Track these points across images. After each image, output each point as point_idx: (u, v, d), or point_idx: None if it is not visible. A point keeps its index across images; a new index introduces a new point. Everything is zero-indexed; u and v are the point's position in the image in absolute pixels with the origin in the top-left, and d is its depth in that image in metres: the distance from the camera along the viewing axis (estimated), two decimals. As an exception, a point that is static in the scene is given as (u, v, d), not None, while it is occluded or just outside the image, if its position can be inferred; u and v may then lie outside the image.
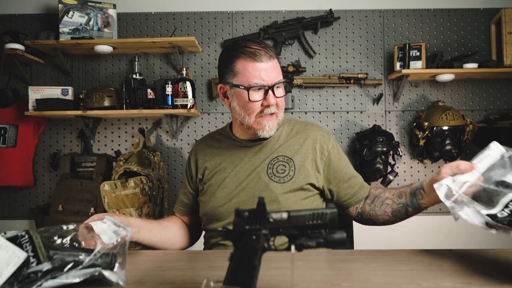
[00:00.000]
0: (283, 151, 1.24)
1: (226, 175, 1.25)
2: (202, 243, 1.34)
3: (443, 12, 2.49)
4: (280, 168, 1.20)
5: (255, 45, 1.16)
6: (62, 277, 0.70)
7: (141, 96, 2.29)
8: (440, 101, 2.38)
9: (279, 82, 1.17)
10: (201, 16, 2.50)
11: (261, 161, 1.23)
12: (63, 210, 2.26)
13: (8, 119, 2.39)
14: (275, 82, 1.16)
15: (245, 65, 1.15)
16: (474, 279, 0.78)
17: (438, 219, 2.47)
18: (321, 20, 2.42)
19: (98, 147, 2.49)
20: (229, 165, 1.26)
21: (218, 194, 1.23)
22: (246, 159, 1.25)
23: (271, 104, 1.16)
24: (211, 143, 1.34)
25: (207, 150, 1.32)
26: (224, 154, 1.28)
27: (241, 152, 1.26)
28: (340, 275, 0.84)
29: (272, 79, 1.16)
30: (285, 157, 1.22)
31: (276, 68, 1.18)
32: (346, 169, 1.27)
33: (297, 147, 1.24)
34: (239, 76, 1.16)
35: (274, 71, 1.17)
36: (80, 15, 2.33)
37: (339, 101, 2.48)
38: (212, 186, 1.26)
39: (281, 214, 0.67)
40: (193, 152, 1.36)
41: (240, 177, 1.23)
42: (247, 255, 0.63)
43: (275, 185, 1.19)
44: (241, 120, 1.20)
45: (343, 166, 1.27)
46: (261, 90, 1.16)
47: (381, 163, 2.28)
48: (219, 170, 1.26)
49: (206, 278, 0.70)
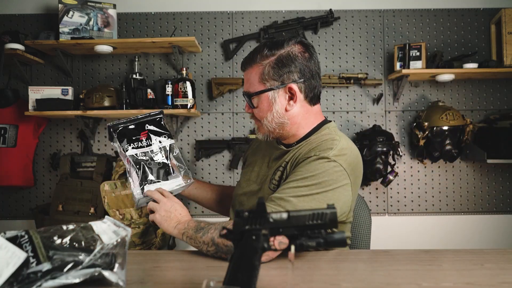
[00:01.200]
0: (288, 159, 1.19)
1: (252, 168, 1.31)
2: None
3: (443, 12, 2.49)
4: (277, 175, 1.18)
5: (252, 51, 1.18)
6: (62, 277, 0.70)
7: (141, 96, 2.29)
8: (440, 101, 2.38)
9: (244, 93, 1.18)
10: (201, 16, 2.50)
11: (274, 165, 1.22)
12: (63, 210, 2.25)
13: (8, 119, 2.39)
14: (244, 91, 1.19)
15: None
16: (474, 279, 0.78)
17: (438, 219, 2.47)
18: (321, 20, 2.42)
19: (98, 147, 2.49)
20: (259, 159, 1.30)
21: (242, 183, 1.32)
22: (269, 159, 1.26)
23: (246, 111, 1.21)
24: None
25: (255, 144, 1.42)
26: (262, 150, 1.33)
27: (270, 152, 1.28)
28: (340, 275, 0.84)
29: (245, 88, 1.19)
30: (285, 163, 1.19)
31: (249, 78, 1.16)
32: (286, 184, 1.07)
33: (296, 157, 1.16)
34: None
35: (245, 81, 1.19)
36: (80, 15, 2.33)
37: (339, 101, 2.48)
38: (243, 174, 1.36)
39: (281, 214, 0.67)
40: (251, 143, 1.48)
41: (261, 173, 1.26)
42: (247, 255, 0.63)
43: (268, 192, 1.17)
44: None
45: (289, 182, 1.07)
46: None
47: (381, 163, 2.28)
48: (251, 162, 1.34)
49: (206, 278, 0.70)
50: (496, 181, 2.46)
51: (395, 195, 2.47)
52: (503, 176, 2.46)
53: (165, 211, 1.17)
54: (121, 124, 1.23)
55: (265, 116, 1.15)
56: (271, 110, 1.14)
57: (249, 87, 1.15)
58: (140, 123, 1.25)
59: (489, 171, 2.46)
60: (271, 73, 1.12)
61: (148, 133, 1.25)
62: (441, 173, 2.47)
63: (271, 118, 1.14)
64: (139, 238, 2.12)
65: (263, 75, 1.12)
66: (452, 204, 2.46)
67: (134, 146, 1.22)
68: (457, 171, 2.47)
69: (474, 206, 2.46)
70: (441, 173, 2.47)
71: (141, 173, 1.20)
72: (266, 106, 1.14)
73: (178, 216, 1.16)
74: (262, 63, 1.13)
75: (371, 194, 2.46)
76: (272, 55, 1.12)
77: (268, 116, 1.14)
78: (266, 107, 1.14)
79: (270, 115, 1.14)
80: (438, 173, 2.47)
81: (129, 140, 1.22)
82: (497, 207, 2.46)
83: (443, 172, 2.47)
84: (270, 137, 1.19)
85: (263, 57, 1.13)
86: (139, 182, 1.20)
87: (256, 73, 1.13)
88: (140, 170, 1.20)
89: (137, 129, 1.25)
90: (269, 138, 1.20)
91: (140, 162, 1.20)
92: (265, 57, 1.13)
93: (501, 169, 2.46)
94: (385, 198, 2.47)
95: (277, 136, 1.19)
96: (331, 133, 1.16)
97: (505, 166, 2.45)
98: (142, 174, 1.20)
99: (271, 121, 1.14)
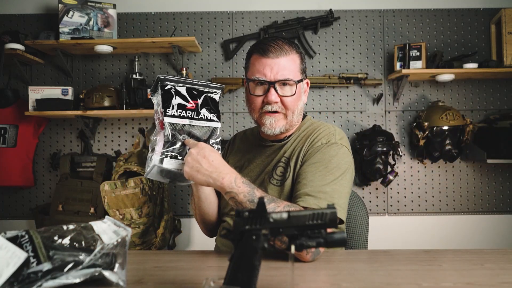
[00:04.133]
0: (287, 153, 1.20)
1: (241, 172, 1.24)
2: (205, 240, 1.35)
3: (443, 12, 2.49)
4: (279, 170, 1.18)
5: (271, 41, 1.16)
6: (62, 277, 0.70)
7: (141, 96, 2.29)
8: (440, 101, 2.38)
9: (282, 80, 1.12)
10: (201, 16, 2.50)
11: (269, 163, 1.22)
12: (63, 210, 2.26)
13: (8, 119, 2.39)
14: (277, 79, 1.12)
15: (254, 59, 1.17)
16: (474, 279, 0.78)
17: (438, 219, 2.47)
18: (321, 20, 2.42)
19: (98, 147, 2.49)
20: (246, 162, 1.28)
21: None
22: (260, 158, 1.25)
23: (271, 101, 1.13)
24: (242, 137, 1.38)
25: (236, 144, 1.37)
26: (245, 151, 1.31)
27: (258, 151, 1.27)
28: (340, 275, 0.84)
29: (275, 75, 1.12)
30: (286, 159, 1.20)
31: (287, 65, 1.13)
32: (311, 175, 1.08)
33: (298, 150, 1.19)
34: (249, 70, 1.19)
35: (280, 68, 1.12)
36: (80, 15, 2.33)
37: (339, 101, 2.48)
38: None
39: (281, 214, 0.67)
40: (230, 141, 1.40)
41: (252, 175, 1.24)
42: (247, 255, 0.63)
43: (272, 187, 1.17)
44: (250, 114, 1.22)
45: (312, 173, 1.09)
46: (263, 86, 1.14)
47: (381, 163, 2.28)
48: (237, 166, 1.28)
49: (206, 278, 0.70)
50: (496, 181, 2.46)
51: (395, 195, 2.47)
52: (503, 176, 2.46)
53: (206, 158, 0.97)
54: (172, 82, 1.04)
55: (296, 105, 1.17)
56: (300, 100, 1.18)
57: (289, 74, 1.13)
58: (194, 90, 1.06)
59: (489, 171, 2.46)
60: (303, 66, 1.19)
61: (198, 105, 1.05)
62: (441, 173, 2.47)
63: (298, 109, 1.18)
64: (139, 238, 2.13)
65: (301, 65, 1.18)
66: (452, 204, 2.46)
67: (175, 114, 1.02)
68: (457, 171, 2.47)
69: (474, 206, 2.46)
70: (441, 173, 2.47)
71: (169, 144, 1.01)
72: (298, 96, 1.17)
73: (224, 168, 1.00)
74: (298, 54, 1.18)
75: (371, 194, 2.46)
76: (296, 50, 1.18)
77: (299, 105, 1.18)
78: (298, 97, 1.17)
79: (300, 105, 1.19)
80: (438, 173, 2.47)
81: (173, 104, 1.02)
82: (497, 207, 2.46)
83: (443, 172, 2.47)
84: (284, 129, 1.18)
85: (294, 50, 1.17)
86: (162, 151, 1.00)
87: (295, 62, 1.16)
88: (170, 141, 1.01)
89: (189, 95, 1.05)
90: (282, 130, 1.18)
91: (174, 133, 1.01)
92: (295, 50, 1.17)
93: (501, 169, 2.46)
94: (385, 198, 2.47)
95: (288, 128, 1.20)
96: (315, 121, 1.25)
97: (505, 166, 2.45)
98: (170, 145, 1.01)
99: (297, 112, 1.18)
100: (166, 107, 1.02)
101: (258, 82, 1.15)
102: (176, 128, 1.02)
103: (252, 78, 1.15)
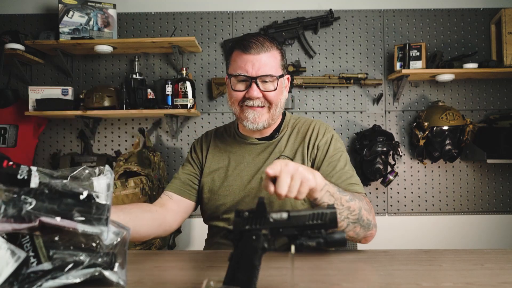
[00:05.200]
0: (285, 151, 1.23)
1: (229, 173, 1.25)
2: (204, 240, 1.34)
3: (443, 12, 2.49)
4: None
5: (252, 37, 1.17)
6: (63, 277, 0.70)
7: (141, 96, 2.29)
8: (440, 101, 2.38)
9: (264, 75, 1.14)
10: (201, 16, 2.50)
11: (264, 161, 1.22)
12: (63, 210, 2.25)
13: (8, 119, 2.39)
14: (259, 74, 1.14)
15: (236, 56, 1.18)
16: (474, 279, 0.78)
17: (438, 219, 2.47)
18: (321, 20, 2.42)
19: (98, 147, 2.49)
20: (231, 161, 1.26)
21: (221, 192, 1.24)
22: (250, 158, 1.25)
23: (252, 97, 1.15)
24: (216, 135, 1.35)
25: (210, 142, 1.33)
26: (228, 151, 1.29)
27: (243, 149, 1.27)
28: (340, 275, 0.84)
29: (257, 71, 1.14)
30: (285, 157, 1.21)
31: (268, 61, 1.15)
32: (336, 162, 1.19)
33: (296, 147, 1.24)
34: (230, 66, 1.20)
35: (262, 64, 1.14)
36: (80, 15, 2.33)
37: (339, 101, 2.48)
38: (214, 182, 1.25)
39: (281, 214, 0.67)
40: (201, 139, 1.36)
41: (244, 177, 1.22)
42: (247, 255, 0.63)
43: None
44: (232, 110, 1.23)
45: (332, 160, 1.19)
46: (246, 82, 1.16)
47: (381, 163, 2.28)
48: (222, 166, 1.26)
49: (206, 278, 0.70)
50: (496, 181, 2.46)
51: (395, 195, 2.47)
52: (503, 176, 2.46)
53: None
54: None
55: (279, 99, 1.20)
56: (282, 94, 1.21)
57: (270, 70, 1.16)
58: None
59: (489, 171, 2.46)
60: (284, 62, 1.22)
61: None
62: (441, 173, 2.47)
63: (281, 103, 1.21)
64: (139, 238, 2.12)
65: (281, 61, 1.20)
66: (452, 204, 2.46)
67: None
68: (457, 171, 2.47)
69: (474, 206, 2.46)
70: (441, 173, 2.47)
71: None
72: (280, 90, 1.19)
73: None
74: (278, 50, 1.19)
75: (371, 194, 2.46)
76: (277, 47, 1.20)
77: (281, 99, 1.21)
78: (280, 92, 1.19)
79: (282, 100, 1.21)
80: (438, 173, 2.47)
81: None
82: (497, 207, 2.46)
83: (443, 172, 2.47)
84: (267, 124, 1.20)
85: (275, 46, 1.19)
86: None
87: (276, 58, 1.18)
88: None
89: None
90: (265, 125, 1.19)
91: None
92: (276, 46, 1.19)
93: (501, 169, 2.46)
94: (385, 198, 2.47)
95: (271, 123, 1.22)
96: (298, 117, 1.33)
97: (505, 166, 2.45)
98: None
99: (279, 106, 1.20)
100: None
101: (240, 78, 1.16)
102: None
103: (234, 74, 1.17)
